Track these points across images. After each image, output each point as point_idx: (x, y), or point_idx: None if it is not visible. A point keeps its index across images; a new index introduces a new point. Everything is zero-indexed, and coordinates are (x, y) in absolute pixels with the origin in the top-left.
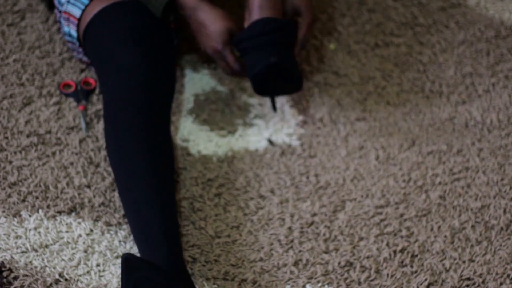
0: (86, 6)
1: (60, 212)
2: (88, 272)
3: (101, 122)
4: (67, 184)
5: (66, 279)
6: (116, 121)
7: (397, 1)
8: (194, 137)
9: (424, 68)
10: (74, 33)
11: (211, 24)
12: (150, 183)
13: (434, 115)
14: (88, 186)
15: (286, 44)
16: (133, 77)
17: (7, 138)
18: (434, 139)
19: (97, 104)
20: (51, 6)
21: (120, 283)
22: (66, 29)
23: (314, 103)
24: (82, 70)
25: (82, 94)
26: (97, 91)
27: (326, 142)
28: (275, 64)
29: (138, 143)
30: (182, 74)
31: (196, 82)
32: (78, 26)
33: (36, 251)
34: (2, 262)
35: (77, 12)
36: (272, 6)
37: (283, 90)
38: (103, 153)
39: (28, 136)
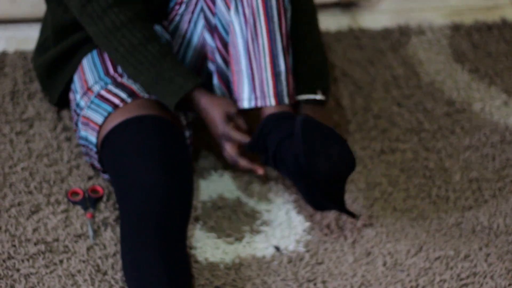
0: (109, 114)
1: None
2: None
3: (109, 230)
4: None
5: None
6: (133, 237)
7: (402, 107)
8: (201, 244)
9: (430, 174)
10: (92, 138)
11: (210, 110)
12: None
13: (441, 221)
14: None
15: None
16: (153, 194)
17: (14, 246)
18: (441, 245)
19: (104, 212)
20: (60, 103)
21: None
22: (83, 133)
23: None
24: (89, 178)
25: (89, 202)
26: (104, 199)
27: (333, 248)
28: (307, 119)
29: (155, 261)
30: None
31: (203, 189)
32: (98, 132)
33: None
34: None
35: (99, 119)
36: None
37: (334, 163)
38: (111, 260)
39: (35, 244)
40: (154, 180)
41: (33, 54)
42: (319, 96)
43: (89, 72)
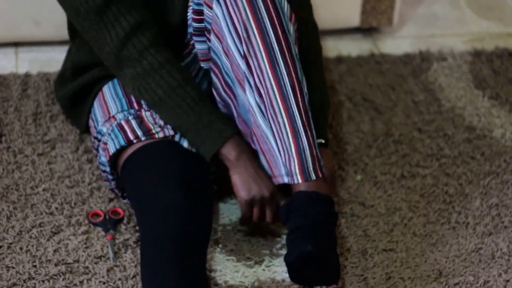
0: (122, 147)
1: None
2: None
3: (129, 251)
4: None
5: None
6: (153, 260)
7: (423, 133)
8: (221, 267)
9: (450, 199)
10: (107, 167)
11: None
12: None
13: (460, 246)
14: None
15: (328, 223)
16: (173, 217)
17: (35, 266)
18: (460, 271)
19: (125, 234)
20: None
21: None
22: (103, 159)
23: (341, 234)
24: (110, 200)
25: (110, 223)
26: (125, 220)
27: (353, 273)
28: (311, 253)
29: (174, 283)
30: None
31: (223, 213)
32: (109, 161)
33: None
34: None
35: (111, 149)
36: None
37: (319, 279)
38: (131, 282)
39: (56, 264)
40: (174, 203)
41: (54, 83)
42: (321, 140)
43: (111, 101)
